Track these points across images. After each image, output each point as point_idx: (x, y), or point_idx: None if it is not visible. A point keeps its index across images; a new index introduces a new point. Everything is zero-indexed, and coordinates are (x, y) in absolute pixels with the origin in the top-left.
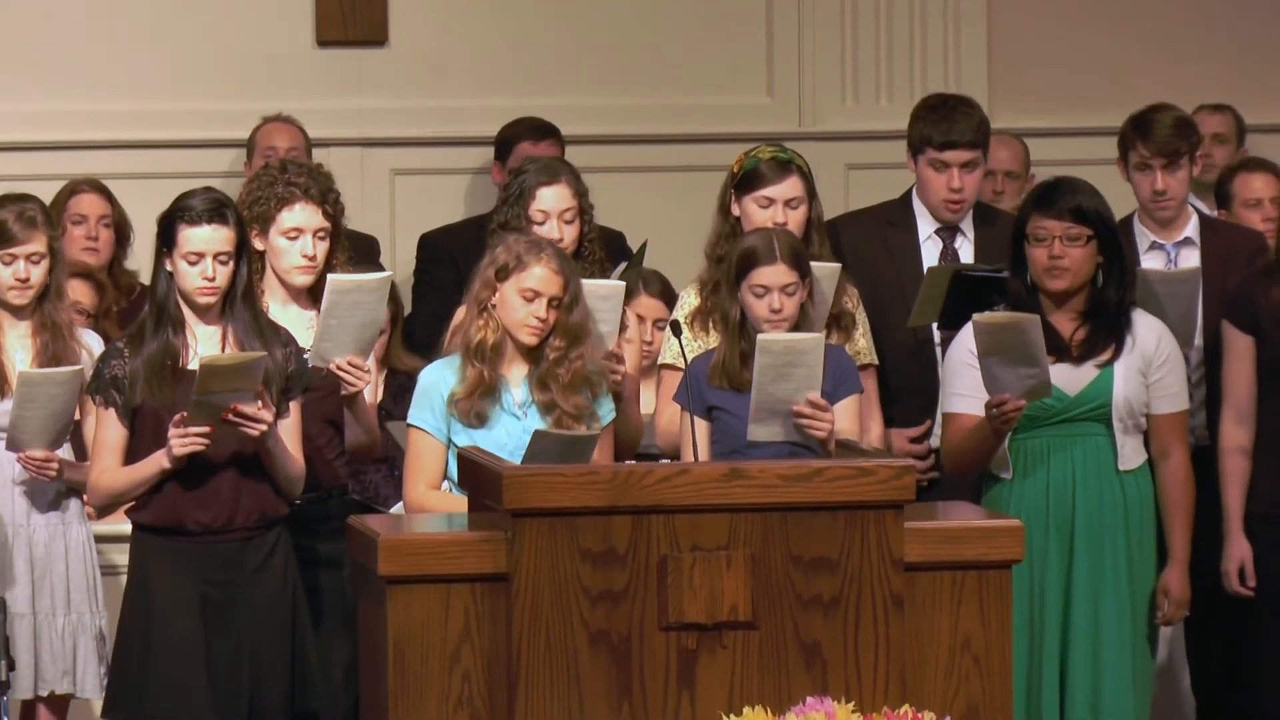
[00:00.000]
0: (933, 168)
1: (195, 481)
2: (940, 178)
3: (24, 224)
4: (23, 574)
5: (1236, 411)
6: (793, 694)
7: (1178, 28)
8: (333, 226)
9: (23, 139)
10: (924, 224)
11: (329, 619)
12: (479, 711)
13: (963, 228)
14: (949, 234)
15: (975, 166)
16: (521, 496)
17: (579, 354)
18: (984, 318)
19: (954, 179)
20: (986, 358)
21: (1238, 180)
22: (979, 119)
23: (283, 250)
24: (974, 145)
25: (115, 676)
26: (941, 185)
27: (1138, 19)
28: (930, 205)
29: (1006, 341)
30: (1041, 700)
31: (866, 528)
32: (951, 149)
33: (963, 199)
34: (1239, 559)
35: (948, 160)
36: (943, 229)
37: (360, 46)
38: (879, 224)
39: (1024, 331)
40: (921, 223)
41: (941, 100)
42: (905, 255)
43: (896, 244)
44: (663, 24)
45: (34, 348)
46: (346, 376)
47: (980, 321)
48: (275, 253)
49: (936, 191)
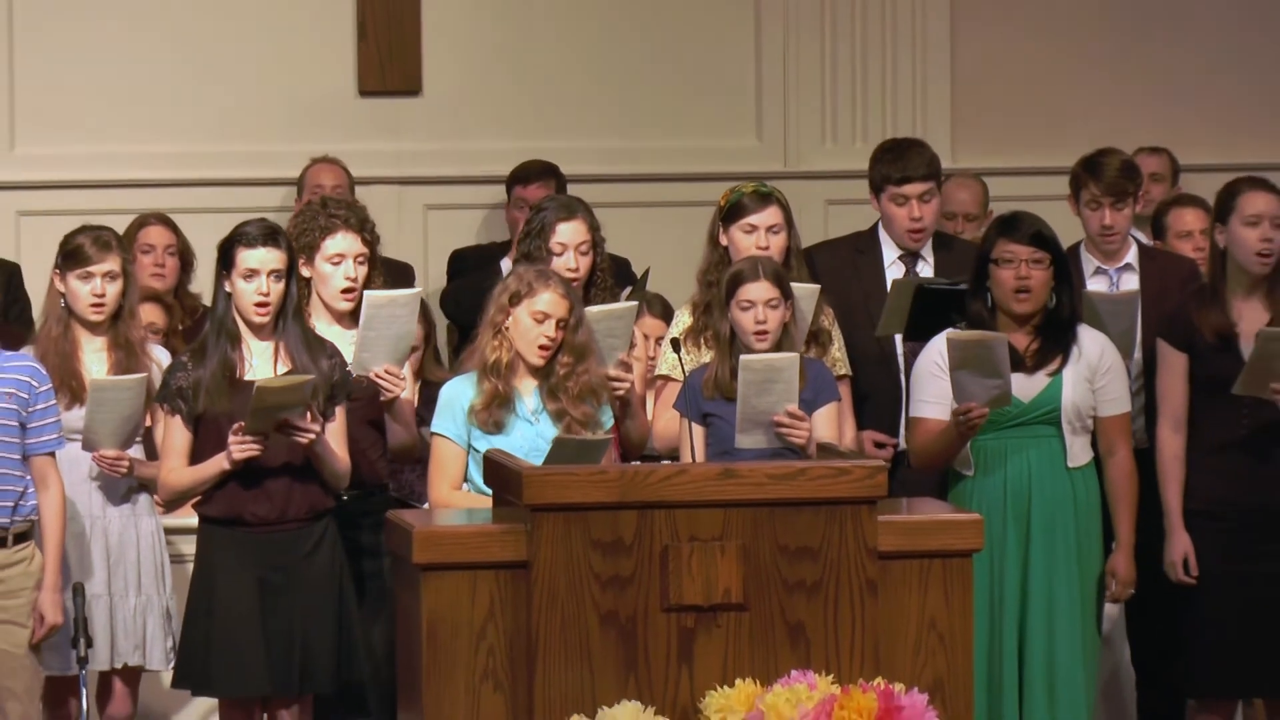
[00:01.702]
0: (894, 202)
1: (253, 479)
2: (901, 210)
3: (99, 246)
4: (99, 560)
5: (1172, 420)
6: (779, 668)
7: (1119, 79)
8: (370, 252)
9: (97, 177)
10: (889, 251)
11: (370, 601)
12: (502, 683)
13: (923, 254)
14: (911, 259)
15: (931, 196)
16: (540, 493)
17: (585, 368)
18: (957, 335)
19: (914, 209)
20: (957, 370)
21: (1172, 214)
22: (930, 155)
23: (328, 275)
24: (928, 178)
25: (183, 651)
26: (904, 217)
27: (1084, 71)
28: (895, 236)
29: (976, 356)
30: (1002, 670)
31: (844, 521)
32: (908, 183)
33: (923, 226)
34: (1182, 551)
35: (906, 193)
36: (905, 254)
37: (397, 96)
38: (849, 251)
39: (992, 348)
40: (887, 250)
41: (895, 143)
42: (872, 278)
43: (864, 268)
44: (661, 76)
45: (109, 362)
46: (384, 383)
47: (954, 339)
48: (321, 278)
49: (900, 223)
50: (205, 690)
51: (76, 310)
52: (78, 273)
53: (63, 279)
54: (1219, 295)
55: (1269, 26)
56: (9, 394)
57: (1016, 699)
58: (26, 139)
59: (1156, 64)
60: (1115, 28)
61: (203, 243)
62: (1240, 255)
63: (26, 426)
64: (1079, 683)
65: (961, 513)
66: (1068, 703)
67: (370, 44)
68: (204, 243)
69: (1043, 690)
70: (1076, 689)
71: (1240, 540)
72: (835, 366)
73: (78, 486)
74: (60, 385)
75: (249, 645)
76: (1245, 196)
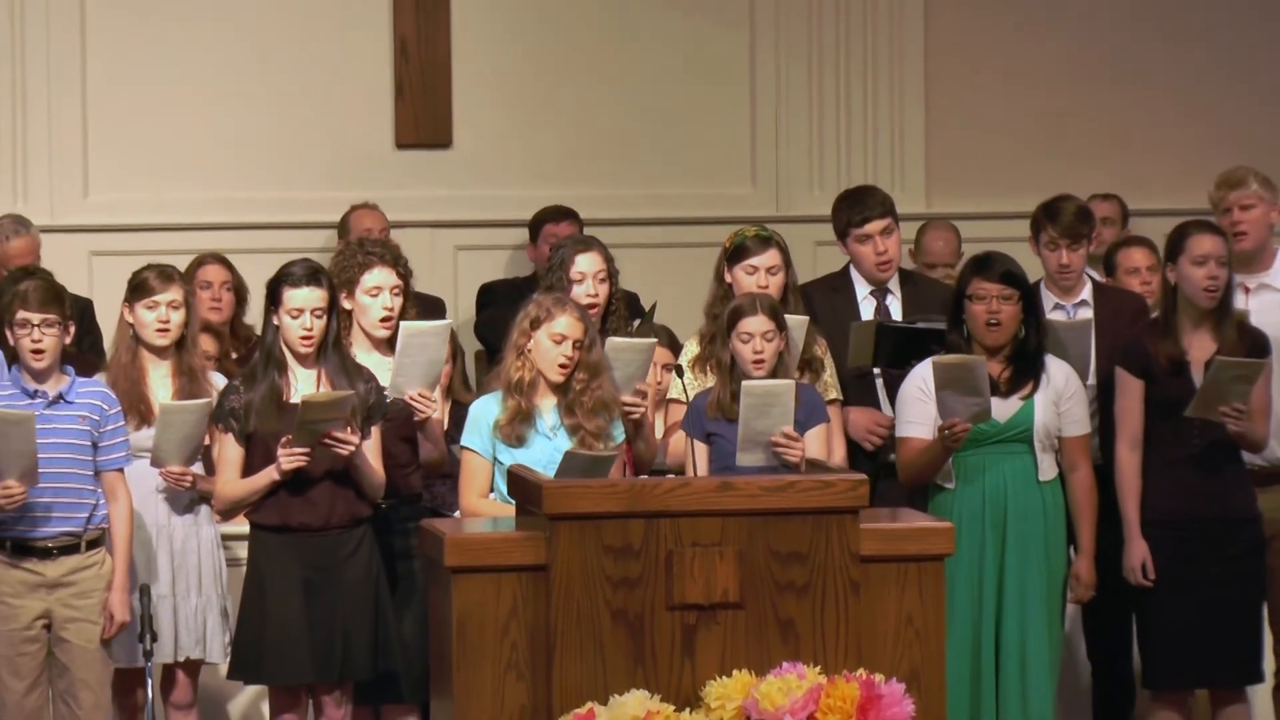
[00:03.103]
0: (859, 242)
1: (299, 490)
2: (866, 248)
3: (162, 279)
4: (164, 564)
5: (1130, 440)
6: (772, 660)
7: (1076, 133)
8: (404, 285)
9: (161, 221)
10: (860, 288)
11: (403, 597)
12: (524, 673)
13: (890, 288)
14: (880, 293)
15: (891, 231)
16: (558, 504)
17: (598, 384)
18: (942, 359)
19: (878, 244)
20: (942, 390)
21: (1121, 253)
22: (883, 196)
23: (366, 306)
24: (885, 215)
25: (237, 645)
26: (869, 253)
27: (1044, 125)
28: (864, 273)
29: (959, 378)
30: (981, 660)
31: (830, 528)
32: (868, 222)
33: (889, 259)
34: (1140, 557)
35: (869, 231)
36: (875, 290)
37: (430, 149)
38: (825, 291)
39: (973, 370)
40: (859, 287)
41: (851, 191)
42: (848, 314)
43: (840, 305)
44: (667, 132)
45: (173, 387)
46: (418, 405)
47: (939, 362)
48: (360, 310)
49: (867, 260)
50: (258, 679)
51: (143, 337)
52: (144, 302)
53: (131, 310)
54: (1171, 327)
55: (1208, 88)
56: (83, 417)
57: (994, 686)
58: (98, 187)
59: (1108, 119)
60: (1069, 90)
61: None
62: (1189, 291)
63: (98, 445)
64: (1047, 671)
65: (935, 521)
66: (1037, 689)
67: (406, 103)
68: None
69: (1016, 678)
70: (1045, 677)
71: (1192, 547)
72: (827, 391)
73: (145, 499)
74: (129, 408)
75: (296, 638)
76: (1194, 238)
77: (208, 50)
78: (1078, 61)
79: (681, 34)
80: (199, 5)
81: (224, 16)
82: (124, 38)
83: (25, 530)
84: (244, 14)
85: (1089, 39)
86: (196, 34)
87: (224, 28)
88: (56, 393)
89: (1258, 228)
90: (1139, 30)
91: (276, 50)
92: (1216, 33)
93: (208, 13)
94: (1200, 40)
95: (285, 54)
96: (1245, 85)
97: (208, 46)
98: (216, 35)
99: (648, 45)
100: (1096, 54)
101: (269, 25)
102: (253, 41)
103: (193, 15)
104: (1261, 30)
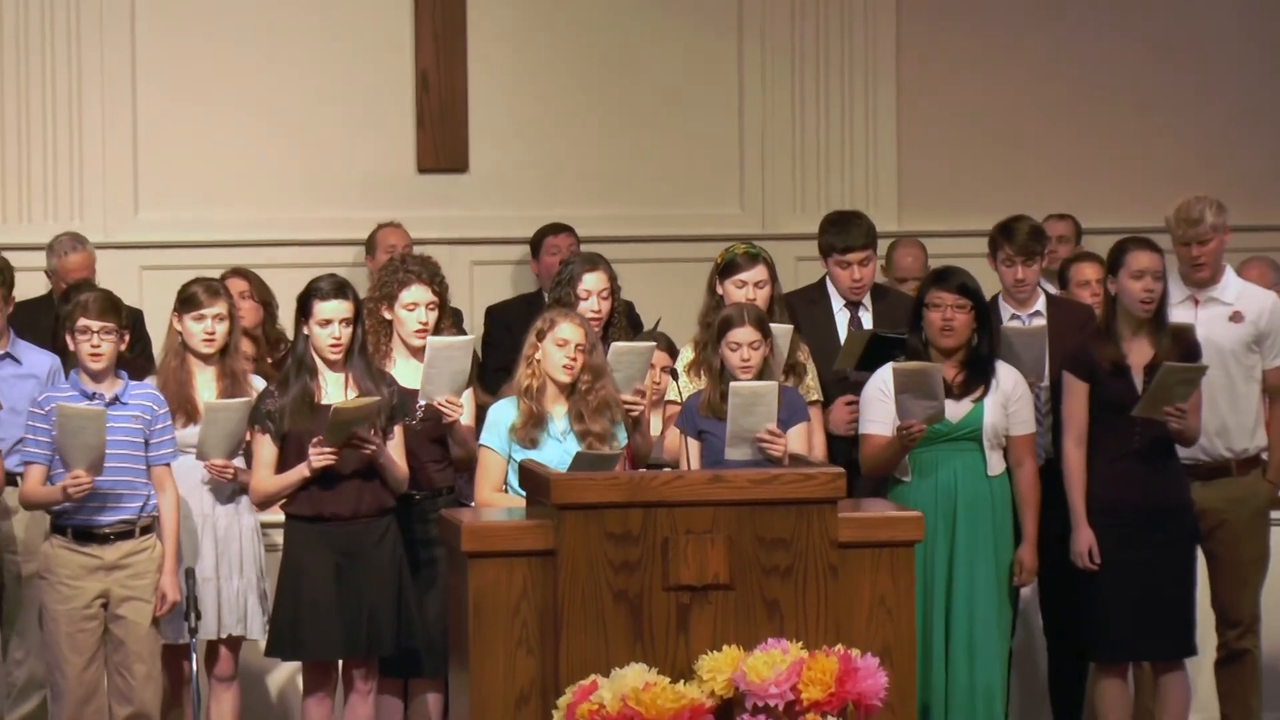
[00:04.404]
0: (838, 266)
1: (330, 484)
2: (845, 273)
3: (210, 294)
4: (208, 550)
5: (1076, 437)
6: (758, 636)
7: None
8: (440, 300)
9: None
10: (836, 301)
11: (431, 582)
12: (533, 648)
13: (864, 303)
14: (854, 307)
15: (869, 261)
16: (564, 495)
17: (601, 385)
18: (901, 366)
19: (854, 272)
20: (901, 394)
21: (1073, 268)
22: (868, 226)
23: (404, 319)
24: (865, 246)
25: (274, 623)
26: (846, 278)
27: (1005, 152)
28: (840, 291)
29: (917, 382)
30: (932, 640)
31: (811, 517)
32: (850, 251)
33: (862, 284)
34: (1086, 543)
35: (849, 260)
36: (848, 304)
37: (448, 173)
38: (804, 302)
39: (929, 375)
40: (835, 300)
41: (840, 215)
42: (824, 323)
43: (818, 315)
44: (663, 157)
45: (217, 389)
46: (446, 410)
47: (898, 368)
48: (399, 322)
49: (843, 282)
50: (293, 655)
51: (191, 345)
52: (192, 314)
53: (179, 320)
54: (1112, 334)
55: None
56: (136, 416)
57: (944, 660)
58: (148, 207)
59: (1063, 146)
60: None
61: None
62: (1128, 302)
63: (149, 442)
64: (995, 646)
65: (906, 510)
66: (984, 662)
67: (427, 132)
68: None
69: (964, 654)
70: (992, 652)
71: (1133, 534)
72: (809, 393)
73: (191, 490)
74: (176, 408)
75: (327, 618)
76: (1131, 254)
77: (248, 83)
78: (1035, 95)
79: (676, 71)
80: (241, 45)
81: (263, 54)
82: (171, 73)
83: (86, 518)
84: (281, 51)
85: (1045, 76)
86: (238, 69)
87: (263, 64)
88: (112, 395)
89: (1214, 258)
90: (1092, 67)
91: (310, 83)
92: (1162, 71)
93: (248, 51)
94: (1147, 77)
95: (318, 87)
96: (1188, 115)
97: (248, 81)
98: (256, 70)
99: (646, 80)
100: (1052, 89)
101: (303, 61)
102: (288, 76)
103: (235, 53)
104: (1201, 67)
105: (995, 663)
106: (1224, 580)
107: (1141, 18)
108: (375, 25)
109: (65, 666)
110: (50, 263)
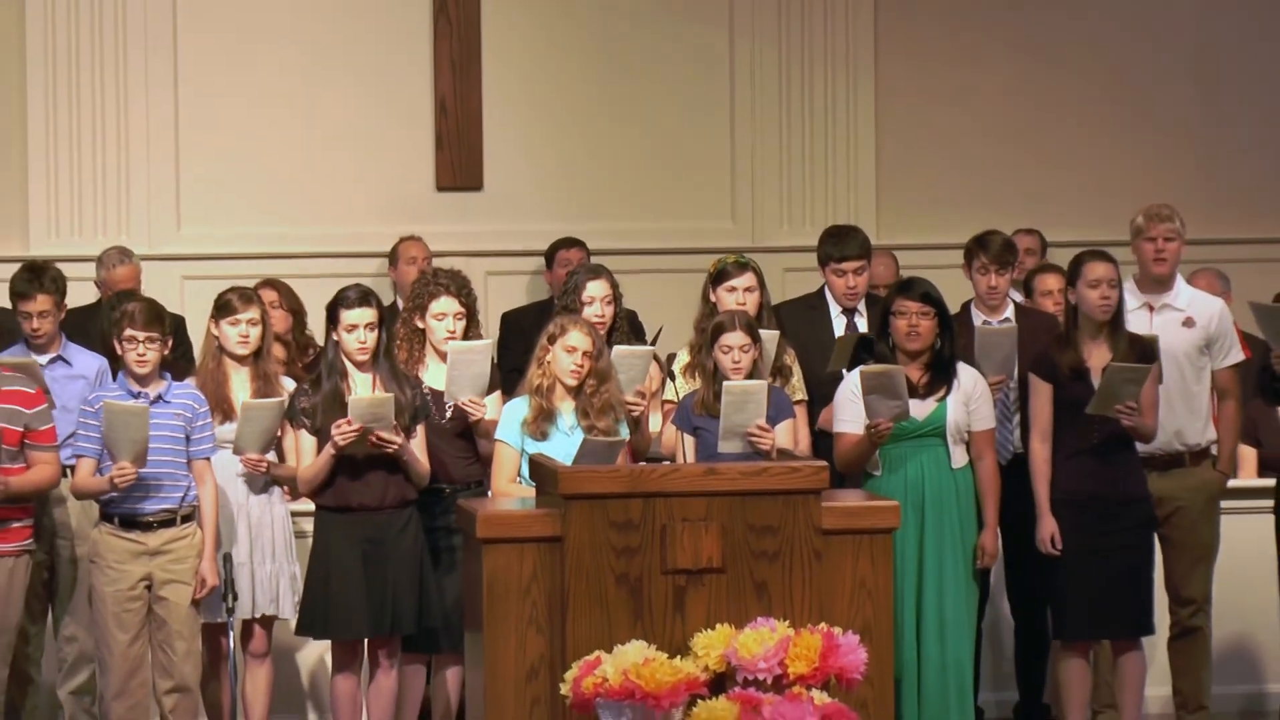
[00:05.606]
0: (835, 275)
1: (356, 476)
2: (840, 281)
3: (243, 300)
4: (243, 536)
5: (1041, 433)
6: (748, 616)
7: (1002, 177)
8: (468, 310)
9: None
10: (833, 307)
11: (445, 565)
12: (543, 627)
13: (859, 309)
14: (849, 312)
15: (863, 270)
16: (570, 486)
17: (606, 388)
18: (868, 369)
19: (849, 280)
20: (869, 395)
21: (1038, 279)
22: (863, 239)
23: (434, 328)
24: (860, 257)
25: (304, 605)
26: (842, 286)
27: (975, 171)
28: (836, 298)
29: (882, 384)
30: (903, 620)
31: (797, 506)
32: (845, 261)
33: (857, 293)
34: (1049, 531)
35: (844, 269)
36: (845, 310)
37: (465, 191)
38: (804, 308)
39: (894, 378)
40: (832, 306)
41: (838, 229)
42: (823, 327)
43: (816, 320)
44: (661, 176)
45: (251, 389)
46: (469, 409)
47: (865, 371)
48: (430, 330)
49: (839, 289)
50: (322, 634)
51: (227, 349)
52: (228, 320)
53: (216, 325)
54: (1072, 340)
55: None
56: (178, 414)
57: (915, 641)
58: (190, 221)
59: (1029, 166)
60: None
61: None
62: (1086, 309)
63: (190, 438)
64: (964, 625)
65: (884, 501)
66: (955, 640)
67: (445, 153)
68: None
69: (935, 632)
70: (962, 630)
71: (1092, 522)
72: (794, 393)
73: (228, 482)
74: (214, 406)
75: (354, 599)
76: (1089, 265)
77: (280, 111)
78: (1002, 122)
79: (675, 98)
80: (274, 73)
81: (295, 83)
82: (210, 104)
83: (132, 507)
84: (310, 79)
85: (1012, 105)
86: (272, 99)
87: (295, 94)
88: (156, 394)
89: (1175, 257)
90: (1053, 96)
91: (336, 108)
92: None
93: (280, 79)
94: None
95: (344, 111)
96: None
97: (281, 109)
98: (288, 99)
99: (647, 107)
100: (1017, 117)
101: (331, 87)
102: (318, 103)
103: (268, 80)
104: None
105: (965, 640)
106: (1178, 563)
107: (1097, 54)
108: (398, 55)
109: (112, 643)
110: (100, 274)
